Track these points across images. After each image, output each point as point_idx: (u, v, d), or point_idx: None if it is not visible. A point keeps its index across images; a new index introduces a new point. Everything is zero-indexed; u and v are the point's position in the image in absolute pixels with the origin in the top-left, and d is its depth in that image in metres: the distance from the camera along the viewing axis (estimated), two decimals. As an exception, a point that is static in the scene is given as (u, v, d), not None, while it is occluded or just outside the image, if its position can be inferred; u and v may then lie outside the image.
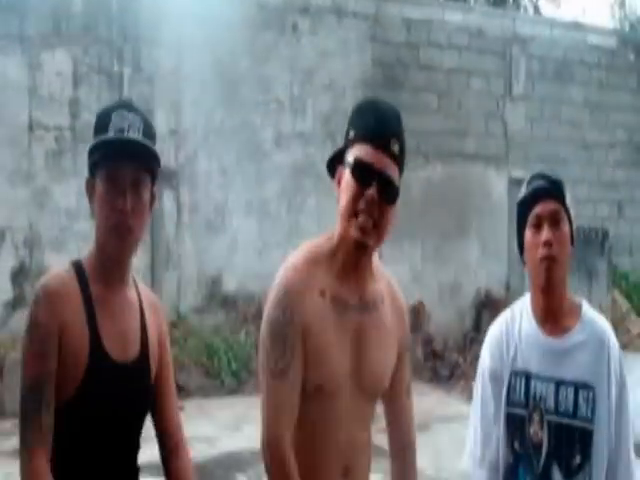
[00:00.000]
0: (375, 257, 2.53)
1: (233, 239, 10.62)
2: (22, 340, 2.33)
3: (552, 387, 2.69)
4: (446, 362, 10.95)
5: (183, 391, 9.20)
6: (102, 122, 2.39)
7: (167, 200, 10.23)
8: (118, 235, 2.34)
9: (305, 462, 2.38)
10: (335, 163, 2.45)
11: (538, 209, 2.70)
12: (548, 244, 2.64)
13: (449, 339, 11.55)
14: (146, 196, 2.40)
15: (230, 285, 10.51)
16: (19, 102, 9.48)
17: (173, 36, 10.13)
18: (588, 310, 2.78)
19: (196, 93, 10.42)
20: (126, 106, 2.45)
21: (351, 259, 2.40)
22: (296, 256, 2.45)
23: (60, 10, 9.71)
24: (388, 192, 2.33)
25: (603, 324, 2.76)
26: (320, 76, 11.24)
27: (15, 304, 9.35)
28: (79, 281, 2.37)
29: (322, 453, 2.42)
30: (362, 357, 2.42)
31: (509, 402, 2.73)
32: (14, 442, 2.46)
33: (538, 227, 2.69)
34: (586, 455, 2.65)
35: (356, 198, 2.31)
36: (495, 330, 2.86)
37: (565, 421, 2.67)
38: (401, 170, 2.40)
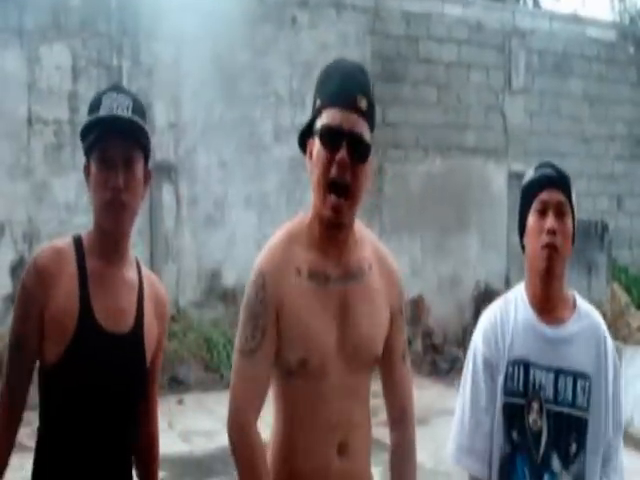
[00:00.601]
0: (359, 224, 2.50)
1: (232, 233, 10.61)
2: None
3: (551, 376, 2.67)
4: (446, 356, 10.94)
5: (182, 385, 9.21)
6: (93, 106, 2.46)
7: (166, 193, 10.22)
8: (112, 211, 2.39)
9: (297, 441, 2.37)
10: (306, 139, 2.43)
11: (545, 195, 2.69)
12: (552, 232, 2.63)
13: (449, 332, 11.55)
14: (139, 173, 2.44)
15: (229, 279, 10.50)
16: (18, 96, 9.46)
17: (172, 30, 10.10)
18: (582, 302, 2.79)
19: (195, 87, 10.40)
20: (116, 89, 2.51)
21: (327, 235, 2.38)
22: (273, 237, 2.46)
23: (59, 3, 9.68)
24: (359, 151, 2.30)
25: (597, 316, 2.79)
26: (319, 69, 11.12)
27: (14, 298, 9.31)
28: (76, 254, 2.44)
29: (314, 431, 2.36)
30: (349, 327, 2.38)
31: (507, 391, 2.69)
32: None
33: (543, 213, 2.68)
34: (581, 444, 2.67)
35: (327, 166, 2.29)
36: (489, 317, 2.81)
37: (565, 410, 2.67)
38: (372, 125, 2.38)
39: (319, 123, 2.34)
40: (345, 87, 2.33)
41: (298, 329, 2.32)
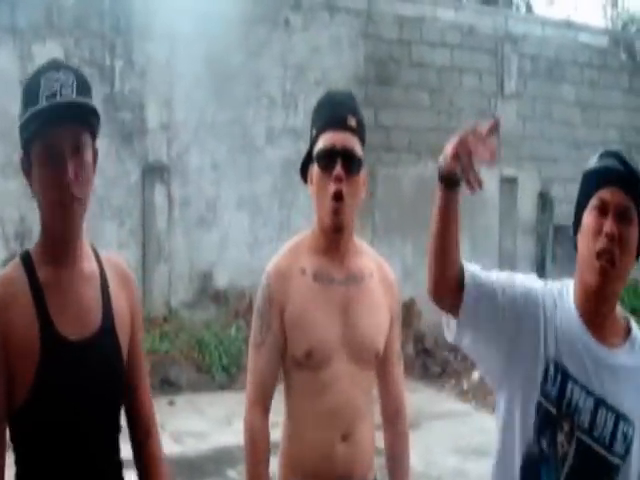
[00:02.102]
0: (363, 243, 2.81)
1: (224, 234, 10.59)
2: None
3: (591, 403, 2.25)
4: (437, 359, 10.95)
5: (174, 386, 9.19)
6: (31, 91, 2.19)
7: (158, 195, 10.19)
8: (64, 210, 2.15)
9: (305, 429, 2.64)
10: (306, 168, 2.73)
11: (606, 194, 2.23)
12: (611, 237, 2.18)
13: (440, 336, 11.43)
14: (89, 158, 2.20)
15: (221, 280, 10.49)
16: (10, 94, 9.41)
17: (165, 30, 10.09)
18: (638, 332, 2.34)
19: (188, 88, 10.38)
20: (55, 66, 2.24)
21: (330, 241, 2.64)
22: (281, 250, 2.74)
23: (52, 2, 9.66)
24: (352, 164, 2.62)
25: None
26: (312, 72, 11.21)
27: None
28: (25, 269, 2.22)
29: (319, 419, 2.60)
30: (352, 323, 2.62)
31: (542, 390, 2.25)
32: (7, 435, 2.39)
33: (603, 212, 2.22)
34: None
35: (325, 184, 2.59)
36: (546, 290, 2.35)
37: (598, 449, 2.25)
38: (362, 140, 2.68)
39: (316, 149, 2.63)
40: (335, 111, 2.64)
41: (303, 323, 2.57)
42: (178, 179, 10.38)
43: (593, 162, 2.33)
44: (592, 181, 2.30)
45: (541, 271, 12.73)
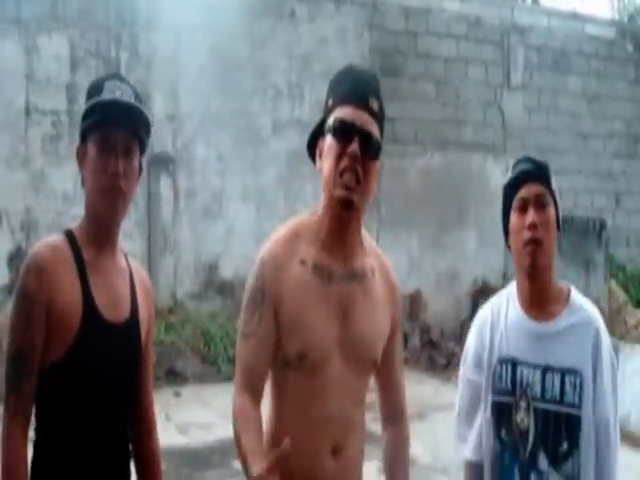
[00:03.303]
0: (366, 235, 2.53)
1: (230, 225, 10.60)
2: (11, 307, 2.35)
3: (539, 374, 2.64)
4: (443, 351, 10.95)
5: (179, 377, 9.21)
6: (95, 90, 2.42)
7: (164, 186, 10.20)
8: (109, 197, 2.36)
9: (292, 440, 2.20)
10: (314, 145, 2.49)
11: (523, 192, 2.66)
12: (533, 227, 2.59)
13: (446, 328, 11.55)
14: (137, 163, 2.43)
15: (227, 271, 10.49)
16: (16, 86, 9.43)
17: (171, 21, 10.08)
18: (577, 296, 2.72)
19: (194, 79, 10.37)
20: (118, 77, 2.48)
21: (337, 224, 2.39)
22: (278, 230, 2.49)
23: (57, -6, 9.65)
24: (370, 147, 2.34)
25: (592, 309, 2.70)
26: (318, 63, 11.19)
27: (12, 288, 9.30)
28: (71, 247, 2.39)
29: (308, 427, 2.36)
30: (351, 325, 2.38)
31: (495, 390, 2.69)
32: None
33: (523, 210, 2.64)
34: (574, 441, 2.59)
35: (339, 157, 2.33)
36: (481, 316, 2.83)
37: (552, 407, 2.62)
38: (381, 128, 2.41)
39: (332, 118, 2.37)
40: (358, 88, 2.39)
41: (299, 323, 2.33)
42: (184, 170, 10.38)
43: (509, 175, 2.74)
44: (511, 188, 2.70)
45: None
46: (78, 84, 9.56)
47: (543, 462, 2.62)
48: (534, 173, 2.68)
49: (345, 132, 2.33)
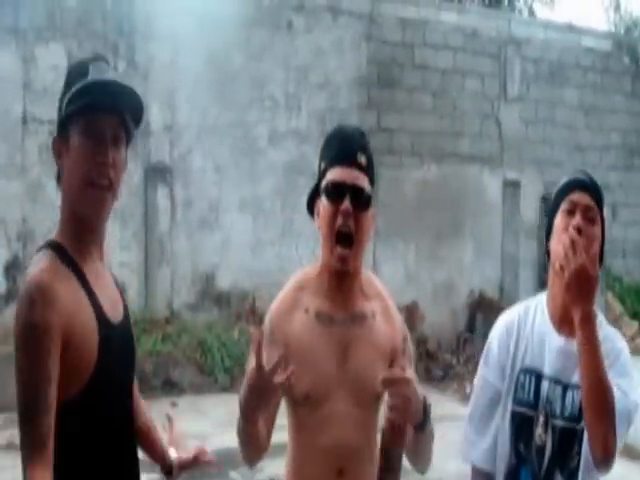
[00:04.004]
0: (371, 279, 2.72)
1: (227, 236, 10.59)
2: (16, 342, 2.05)
3: (559, 390, 2.57)
4: (440, 363, 10.94)
5: (176, 388, 9.19)
6: (78, 73, 2.18)
7: (161, 196, 10.19)
8: (97, 189, 2.13)
9: (302, 464, 2.60)
10: (313, 202, 2.64)
11: (575, 196, 2.57)
12: (577, 228, 2.48)
13: (443, 340, 11.54)
14: (124, 154, 2.21)
15: (224, 282, 10.48)
16: (13, 95, 9.44)
17: (168, 31, 10.09)
18: (603, 319, 2.63)
19: (191, 89, 10.39)
20: (104, 59, 2.25)
21: (336, 281, 2.58)
22: (285, 287, 2.68)
23: (55, 3, 9.67)
24: (361, 201, 2.53)
25: (616, 333, 2.63)
26: (315, 74, 11.22)
27: (8, 298, 9.32)
28: (63, 260, 2.14)
29: (314, 455, 2.56)
30: (351, 365, 2.55)
31: (516, 400, 2.63)
32: (6, 436, 2.41)
33: (571, 213, 2.55)
34: (580, 457, 2.53)
35: (333, 217, 2.51)
36: (507, 321, 2.75)
37: (570, 425, 2.55)
38: (372, 180, 2.61)
39: (324, 182, 2.55)
40: (346, 147, 2.57)
41: (303, 366, 2.49)
42: (181, 181, 10.38)
43: (562, 180, 2.68)
44: (562, 192, 2.63)
45: (543, 274, 12.71)
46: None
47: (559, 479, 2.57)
48: (589, 184, 2.60)
49: (337, 192, 2.51)
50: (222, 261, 10.52)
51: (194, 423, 7.97)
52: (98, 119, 2.13)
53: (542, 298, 2.72)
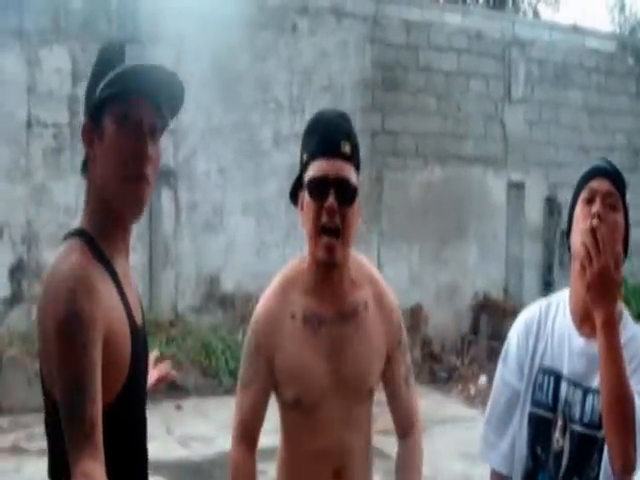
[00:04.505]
0: (358, 260, 2.61)
1: (231, 239, 10.59)
2: (56, 335, 1.82)
3: (580, 394, 2.44)
4: (444, 364, 10.93)
5: (181, 390, 9.19)
6: (113, 54, 2.04)
7: (165, 199, 10.20)
8: (136, 185, 1.95)
9: (295, 466, 2.58)
10: (297, 192, 2.54)
11: (594, 183, 2.44)
12: (598, 216, 2.34)
13: (447, 341, 11.53)
14: (161, 147, 2.04)
15: (228, 284, 10.48)
16: (17, 99, 9.45)
17: (172, 34, 10.09)
18: (629, 318, 2.52)
19: (195, 92, 10.37)
20: (138, 41, 2.09)
21: (323, 277, 2.50)
22: (272, 282, 2.60)
23: (59, 6, 9.67)
24: (346, 194, 2.41)
25: None
26: (319, 77, 11.21)
27: (13, 301, 9.32)
28: (94, 253, 1.94)
29: (309, 456, 2.53)
30: (342, 363, 2.51)
31: (534, 401, 2.52)
32: (11, 439, 2.38)
33: (590, 201, 2.42)
34: (601, 464, 2.39)
35: (317, 214, 2.40)
36: (527, 317, 2.62)
37: (589, 432, 2.41)
38: (357, 166, 2.48)
39: (307, 177, 2.44)
40: (328, 136, 2.43)
41: (292, 372, 2.49)
42: (185, 183, 10.38)
43: (583, 170, 2.54)
44: (582, 179, 2.50)
45: (548, 276, 12.71)
46: (80, 97, 9.56)
47: None
48: (610, 171, 2.48)
49: (320, 188, 2.40)
50: (226, 264, 10.52)
51: (198, 426, 7.99)
52: (136, 107, 1.95)
53: (565, 294, 2.58)
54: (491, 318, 11.45)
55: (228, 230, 10.61)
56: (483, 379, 9.75)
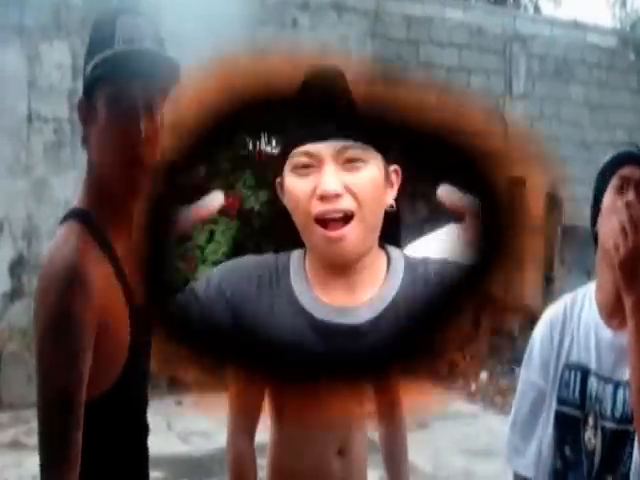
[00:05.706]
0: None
1: (231, 234, 10.59)
2: (38, 337, 1.78)
3: (610, 389, 2.29)
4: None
5: (181, 386, 9.18)
6: (104, 33, 1.95)
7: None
8: (130, 170, 1.86)
9: (295, 440, 2.37)
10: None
11: (625, 171, 2.27)
12: (631, 206, 2.17)
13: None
14: (159, 122, 1.92)
15: (228, 280, 10.48)
16: (18, 94, 9.43)
17: (172, 29, 10.03)
18: None
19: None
20: (132, 10, 2.00)
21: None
22: None
23: (60, 1, 9.66)
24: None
25: None
26: (320, 72, 11.20)
27: (13, 296, 9.31)
28: (91, 232, 1.89)
29: (311, 432, 2.36)
30: None
31: (560, 399, 2.38)
32: (11, 434, 2.36)
33: (622, 190, 2.25)
34: (632, 459, 2.27)
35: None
36: (551, 314, 2.49)
37: (622, 427, 2.26)
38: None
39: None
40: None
41: None
42: (186, 180, 10.37)
43: (610, 154, 2.37)
44: (610, 164, 2.32)
45: (549, 272, 12.70)
46: (80, 92, 9.55)
47: None
48: None
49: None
50: (227, 259, 10.51)
51: (199, 421, 7.97)
52: (127, 87, 1.86)
53: (590, 288, 2.44)
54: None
55: (229, 225, 10.61)
56: (484, 375, 9.74)
